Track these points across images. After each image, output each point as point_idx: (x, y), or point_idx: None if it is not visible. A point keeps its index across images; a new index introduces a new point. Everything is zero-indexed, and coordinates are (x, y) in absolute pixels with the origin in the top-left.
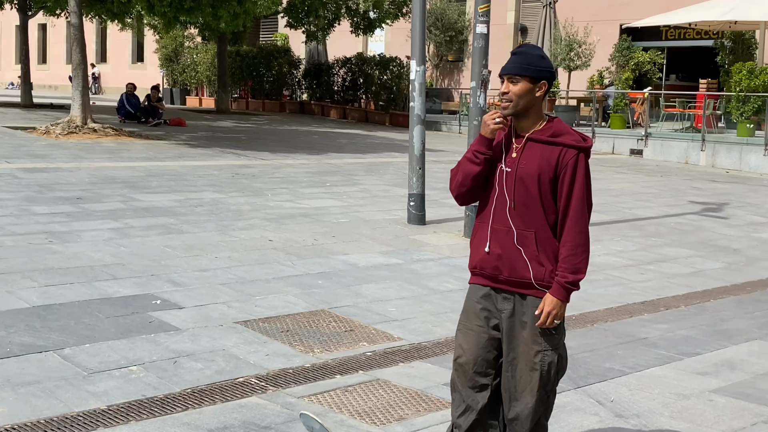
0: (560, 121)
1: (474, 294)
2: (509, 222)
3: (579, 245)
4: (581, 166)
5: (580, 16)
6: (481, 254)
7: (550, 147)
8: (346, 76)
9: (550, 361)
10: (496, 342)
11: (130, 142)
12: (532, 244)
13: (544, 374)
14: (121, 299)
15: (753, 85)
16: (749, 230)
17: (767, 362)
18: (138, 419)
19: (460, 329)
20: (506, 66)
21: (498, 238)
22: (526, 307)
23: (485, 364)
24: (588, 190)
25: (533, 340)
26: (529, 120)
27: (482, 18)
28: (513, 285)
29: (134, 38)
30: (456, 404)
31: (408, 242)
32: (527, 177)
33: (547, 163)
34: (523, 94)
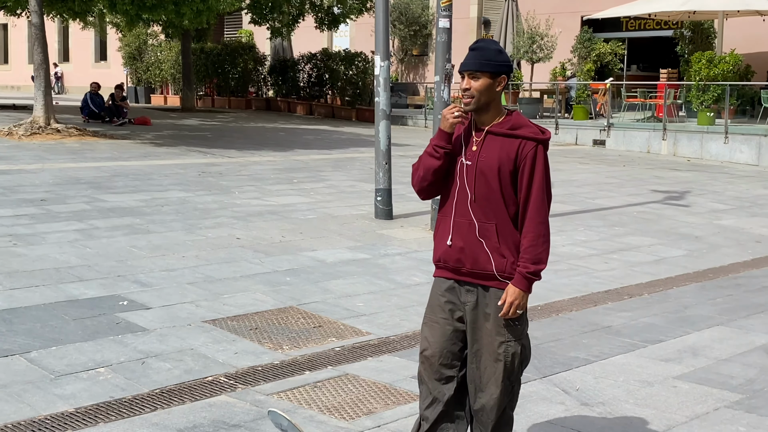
0: (519, 114)
1: (438, 287)
2: (471, 215)
3: (540, 236)
4: (540, 157)
5: (541, 9)
6: (444, 247)
7: (509, 140)
8: (311, 72)
9: (514, 351)
10: (461, 334)
11: (94, 142)
12: (494, 236)
13: (508, 365)
14: (88, 301)
15: (712, 74)
16: (711, 218)
17: (729, 348)
18: (106, 421)
19: (426, 322)
20: (466, 62)
21: (460, 231)
22: (489, 298)
23: (451, 356)
24: (547, 182)
25: (497, 331)
26: (489, 114)
27: (444, 12)
28: (475, 277)
29: (97, 37)
30: (423, 396)
31: (375, 237)
32: (487, 170)
33: (506, 155)
34: (484, 90)
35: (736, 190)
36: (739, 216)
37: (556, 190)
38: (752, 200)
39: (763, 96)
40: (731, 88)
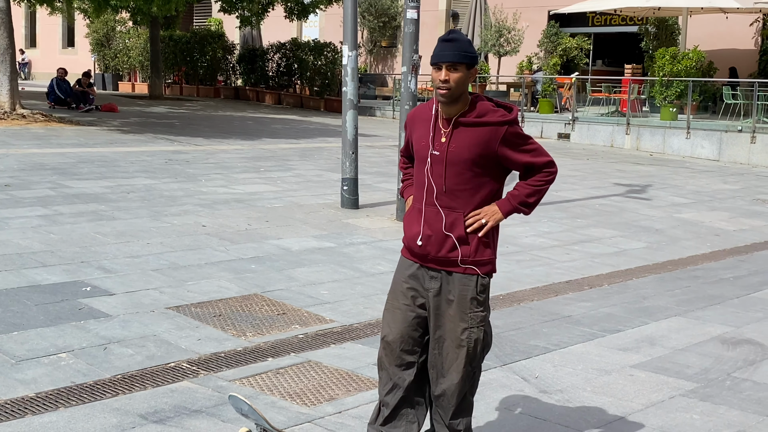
0: (482, 99)
1: (402, 272)
2: (439, 204)
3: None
4: (516, 135)
5: (509, 3)
6: (411, 233)
7: (479, 129)
8: (280, 61)
9: (476, 337)
10: (422, 320)
11: (60, 128)
12: (461, 225)
13: (471, 351)
14: (50, 286)
15: (676, 70)
16: (671, 211)
17: (686, 338)
18: (67, 406)
19: (387, 308)
20: (444, 54)
21: (428, 219)
22: (452, 284)
23: (411, 342)
24: (535, 144)
25: (460, 317)
26: (458, 104)
27: (413, 4)
28: (440, 263)
29: (64, 23)
30: (383, 382)
31: (341, 226)
32: (457, 160)
33: (478, 144)
34: (462, 82)
35: (697, 184)
36: (699, 210)
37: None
38: (712, 194)
39: (724, 92)
40: (694, 84)
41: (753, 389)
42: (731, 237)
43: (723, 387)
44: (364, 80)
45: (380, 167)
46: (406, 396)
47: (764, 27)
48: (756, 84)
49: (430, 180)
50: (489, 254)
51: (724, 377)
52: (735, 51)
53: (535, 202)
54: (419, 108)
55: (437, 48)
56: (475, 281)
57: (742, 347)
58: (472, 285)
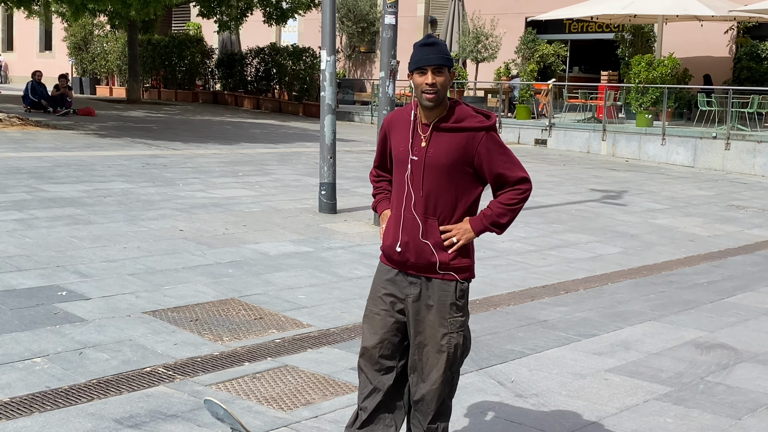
0: (461, 104)
1: (380, 278)
2: (417, 210)
3: (511, 204)
4: (493, 141)
5: (487, 9)
6: (390, 240)
7: (456, 134)
8: (259, 66)
9: (456, 342)
10: (401, 326)
11: (36, 131)
12: (436, 232)
13: (451, 355)
14: (26, 291)
15: (651, 77)
16: (646, 216)
17: (660, 342)
18: (42, 411)
19: (367, 314)
20: (430, 57)
21: (406, 226)
22: (432, 290)
23: (391, 347)
24: (511, 156)
25: (440, 323)
26: (438, 109)
27: (390, 9)
28: (419, 270)
29: (42, 26)
30: (362, 387)
31: (319, 231)
32: (436, 165)
33: (457, 149)
34: (446, 85)
35: (672, 190)
36: (674, 215)
37: None
38: (687, 200)
39: (699, 99)
40: (669, 91)
41: (726, 393)
42: (705, 242)
43: (696, 391)
44: (342, 85)
45: (358, 172)
46: (384, 400)
47: (738, 35)
48: (730, 91)
49: (409, 186)
50: (468, 261)
51: (697, 381)
52: (710, 58)
53: (507, 222)
54: (397, 113)
55: (420, 53)
56: (455, 287)
57: (715, 351)
58: (452, 291)
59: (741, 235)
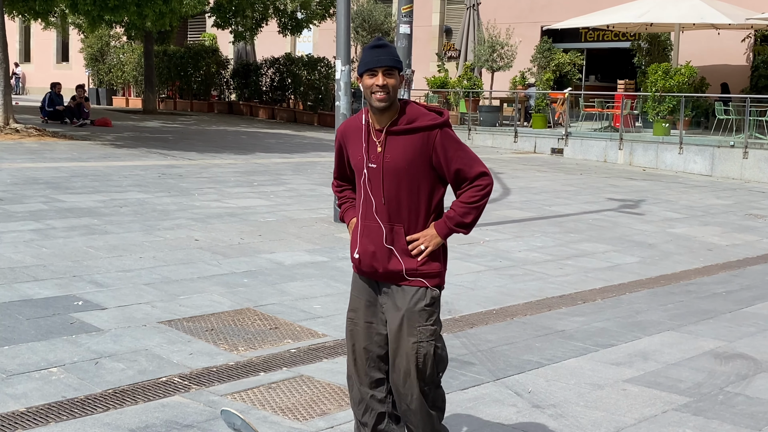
0: (411, 104)
1: (357, 289)
2: (380, 217)
3: (473, 202)
4: (448, 138)
5: (502, 18)
6: (358, 250)
7: (411, 136)
8: (274, 76)
9: (426, 352)
10: (383, 337)
11: (53, 142)
12: (402, 238)
13: (421, 365)
14: (42, 301)
15: (668, 86)
16: (664, 226)
17: (678, 352)
18: (57, 420)
19: (349, 327)
20: (380, 59)
21: (370, 235)
22: (401, 297)
23: (377, 359)
24: (468, 152)
25: (408, 331)
26: (389, 112)
27: (405, 18)
28: (388, 278)
29: (59, 37)
30: (356, 402)
31: (334, 240)
32: (395, 170)
33: (413, 151)
34: (396, 87)
35: (689, 199)
36: (692, 225)
37: (514, 196)
38: (705, 209)
39: (716, 108)
40: (686, 100)
41: (745, 404)
42: (724, 252)
43: (716, 401)
44: (357, 95)
45: None
46: (383, 412)
47: (756, 43)
48: (748, 99)
49: (369, 193)
50: (437, 267)
51: (716, 392)
52: (727, 67)
53: (472, 220)
54: (348, 121)
55: (369, 54)
56: (424, 294)
57: (734, 362)
58: (420, 297)
59: (759, 244)
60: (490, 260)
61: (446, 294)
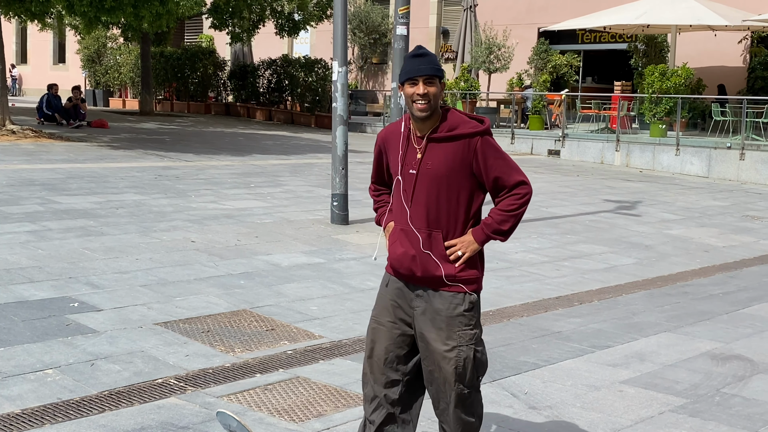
0: (453, 111)
1: (387, 288)
2: (418, 223)
3: (511, 207)
4: (488, 146)
5: (499, 20)
6: (396, 254)
7: (452, 143)
8: (271, 77)
9: (466, 356)
10: (407, 338)
11: (50, 143)
12: (440, 243)
13: (460, 369)
14: (38, 302)
15: (665, 87)
16: (661, 227)
17: (675, 353)
18: (53, 422)
19: (372, 325)
20: (421, 68)
21: (408, 239)
22: (439, 302)
23: (396, 360)
24: (508, 160)
25: (447, 335)
26: (431, 120)
27: (402, 20)
28: (425, 282)
29: (55, 39)
30: (368, 399)
31: (331, 242)
32: (434, 177)
33: (453, 159)
34: (438, 95)
35: (686, 200)
36: (688, 226)
37: None
38: (701, 211)
39: (713, 109)
40: (683, 101)
41: (742, 405)
42: (720, 253)
43: (712, 403)
44: (354, 96)
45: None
46: (392, 414)
47: (752, 44)
48: (744, 101)
49: (408, 200)
50: (475, 273)
51: (713, 393)
52: (723, 68)
53: (510, 228)
54: (390, 128)
55: (410, 63)
56: (462, 299)
57: (731, 363)
58: (459, 302)
59: (756, 246)
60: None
61: None
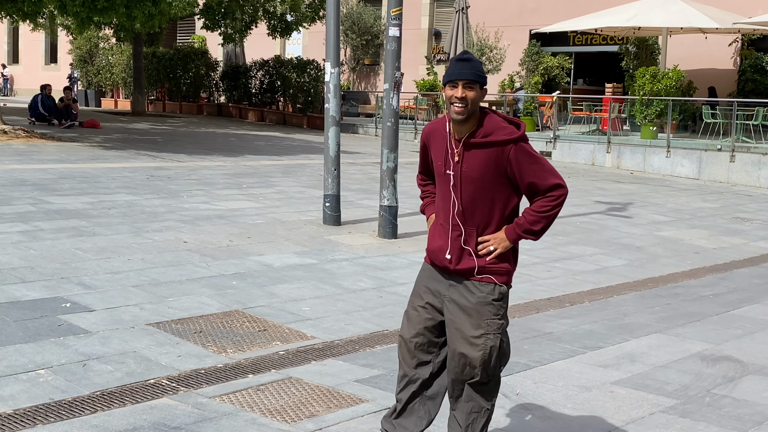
0: (491, 115)
1: (423, 276)
2: (456, 221)
3: (544, 211)
4: (522, 152)
5: (491, 22)
6: (434, 246)
7: (487, 150)
8: (263, 78)
9: (492, 344)
10: (438, 324)
11: (41, 144)
12: (474, 240)
13: (486, 356)
14: (30, 303)
15: (656, 89)
16: (651, 229)
17: (666, 354)
18: (45, 422)
19: (407, 309)
20: (462, 72)
21: (446, 234)
22: (470, 292)
23: (427, 343)
24: (544, 164)
25: (477, 324)
26: (468, 124)
27: (395, 21)
28: (459, 274)
29: (47, 39)
30: (399, 378)
31: (323, 242)
32: (470, 180)
33: (487, 164)
34: (476, 100)
35: (677, 202)
36: (679, 228)
37: None
38: (692, 212)
39: (704, 111)
40: (674, 103)
41: (732, 406)
42: (711, 255)
43: (702, 404)
44: (347, 97)
45: (363, 184)
46: (417, 392)
47: (743, 47)
48: (735, 103)
49: (446, 197)
50: (506, 266)
51: (703, 394)
52: (714, 71)
53: (541, 229)
54: (433, 125)
55: (453, 67)
56: (493, 289)
57: (721, 364)
58: (489, 292)
59: (746, 248)
60: None
61: None
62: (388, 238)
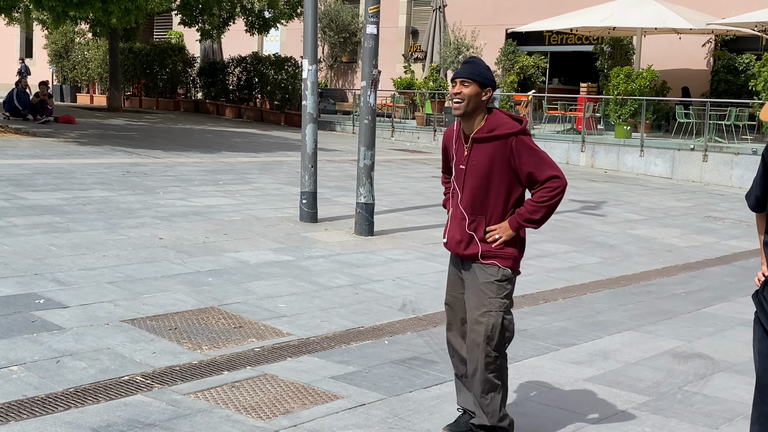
0: (496, 112)
1: (451, 264)
2: (466, 210)
3: (543, 200)
4: (522, 145)
5: (467, 21)
6: (448, 235)
7: (492, 143)
8: (241, 75)
9: (494, 321)
10: None
11: (16, 139)
12: (482, 227)
13: (489, 332)
14: (3, 299)
15: (630, 89)
16: (625, 227)
17: (638, 352)
18: (18, 419)
19: (447, 300)
20: (460, 71)
21: (457, 222)
22: (478, 274)
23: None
24: (542, 157)
25: (481, 302)
26: (473, 121)
27: (372, 19)
28: (470, 258)
29: (23, 33)
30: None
31: (299, 239)
32: (478, 173)
33: (494, 156)
34: (473, 96)
35: (650, 201)
36: (652, 226)
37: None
38: (665, 211)
39: (677, 111)
40: (647, 103)
41: (703, 402)
42: (683, 253)
43: (674, 400)
44: (324, 95)
45: (339, 181)
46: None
47: (716, 48)
48: (708, 103)
49: (458, 189)
50: (511, 251)
51: (675, 390)
52: (688, 71)
53: (541, 217)
54: (450, 128)
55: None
56: (497, 271)
57: (693, 361)
58: (493, 273)
59: (718, 246)
60: None
61: (409, 293)
62: (365, 235)
